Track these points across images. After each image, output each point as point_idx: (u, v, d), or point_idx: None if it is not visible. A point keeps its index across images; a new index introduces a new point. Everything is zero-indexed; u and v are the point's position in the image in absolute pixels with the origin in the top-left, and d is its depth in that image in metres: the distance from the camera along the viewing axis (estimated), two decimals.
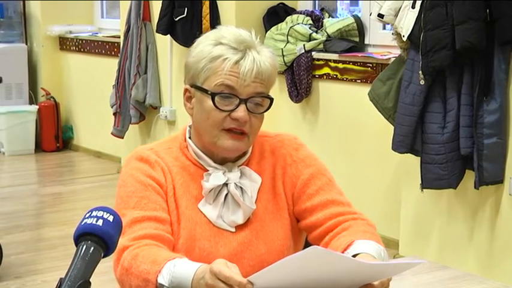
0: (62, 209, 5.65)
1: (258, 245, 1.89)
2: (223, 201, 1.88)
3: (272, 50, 1.92)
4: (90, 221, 1.46)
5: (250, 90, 1.83)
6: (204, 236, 1.86)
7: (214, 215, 1.87)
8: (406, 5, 3.89)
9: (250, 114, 1.84)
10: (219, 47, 1.83)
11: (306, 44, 4.94)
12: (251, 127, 1.85)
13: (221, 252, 1.85)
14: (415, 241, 4.32)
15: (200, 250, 1.85)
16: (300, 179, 1.95)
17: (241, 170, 1.91)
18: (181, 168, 1.90)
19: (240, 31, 1.89)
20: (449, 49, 3.69)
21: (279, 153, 1.98)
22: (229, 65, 1.81)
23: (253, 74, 1.82)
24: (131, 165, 1.91)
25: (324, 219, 1.93)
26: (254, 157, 1.96)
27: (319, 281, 1.59)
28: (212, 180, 1.87)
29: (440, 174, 3.85)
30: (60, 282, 1.38)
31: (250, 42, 1.86)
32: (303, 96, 5.02)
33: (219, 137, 1.85)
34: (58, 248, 4.59)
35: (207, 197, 1.87)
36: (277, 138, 2.02)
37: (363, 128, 4.72)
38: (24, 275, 4.18)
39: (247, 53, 1.83)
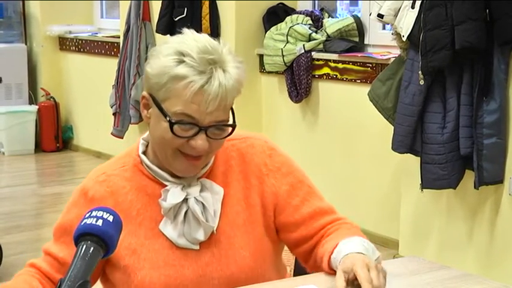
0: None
1: (228, 264, 1.79)
2: (183, 218, 1.77)
3: (239, 60, 1.77)
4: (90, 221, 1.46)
5: (212, 119, 1.70)
6: (168, 261, 1.78)
7: (175, 235, 1.77)
8: (406, 5, 3.89)
9: (210, 140, 1.72)
10: (182, 67, 1.68)
11: (306, 44, 4.94)
12: (211, 150, 1.75)
13: (187, 275, 1.77)
14: (414, 241, 4.32)
15: (166, 277, 1.76)
16: (281, 189, 1.85)
17: (201, 182, 1.80)
18: (137, 191, 1.81)
19: (206, 43, 1.72)
20: (448, 49, 3.69)
21: (251, 160, 1.87)
22: (192, 91, 1.67)
23: (217, 101, 1.67)
24: (73, 196, 1.88)
25: (313, 232, 1.86)
26: (218, 166, 1.85)
27: None
28: (170, 198, 1.76)
29: (440, 174, 3.85)
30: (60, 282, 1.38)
31: (218, 60, 1.70)
32: (303, 96, 5.02)
33: (174, 157, 1.74)
34: None
35: (167, 216, 1.77)
36: (247, 142, 1.90)
37: (362, 128, 4.72)
38: None
39: (213, 76, 1.68)
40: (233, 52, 1.77)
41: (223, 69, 1.71)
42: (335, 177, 4.93)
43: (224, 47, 1.76)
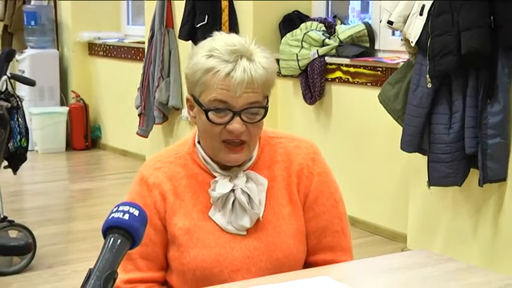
0: (90, 203, 5.68)
1: (275, 249, 1.82)
2: (232, 207, 1.81)
3: (269, 52, 1.82)
4: (117, 215, 1.46)
5: (243, 102, 1.74)
6: (219, 242, 1.81)
7: (224, 222, 1.81)
8: (414, 12, 3.88)
9: (246, 124, 1.76)
10: (211, 60, 1.74)
11: (320, 49, 4.94)
12: (249, 135, 1.77)
13: (237, 256, 1.81)
14: (422, 235, 4.30)
15: (217, 256, 1.80)
16: (312, 193, 1.88)
17: (246, 174, 1.84)
18: (190, 178, 1.85)
19: (233, 39, 1.79)
20: (455, 54, 3.67)
21: (295, 159, 1.89)
22: (220, 78, 1.72)
23: (244, 85, 1.72)
24: (134, 188, 1.89)
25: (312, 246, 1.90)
26: (264, 161, 1.88)
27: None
28: (219, 189, 1.81)
29: (446, 173, 3.83)
30: (89, 272, 1.38)
31: (243, 50, 1.76)
32: (317, 99, 5.02)
33: (219, 149, 1.79)
34: (87, 240, 4.61)
35: (216, 205, 1.82)
36: (294, 142, 1.93)
37: (373, 128, 4.71)
38: (55, 265, 4.20)
39: (238, 64, 1.73)
40: (262, 47, 1.82)
41: (249, 59, 1.76)
42: (347, 175, 4.92)
43: (252, 42, 1.81)
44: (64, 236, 4.87)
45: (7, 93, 4.21)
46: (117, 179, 6.42)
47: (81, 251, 4.44)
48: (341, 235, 1.92)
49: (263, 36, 5.34)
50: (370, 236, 4.75)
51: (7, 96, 4.21)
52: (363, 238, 4.71)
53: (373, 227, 4.80)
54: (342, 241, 1.92)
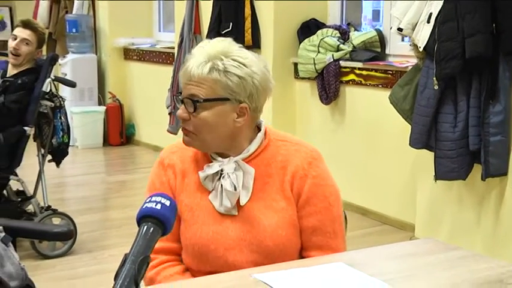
0: (125, 194, 5.70)
1: (265, 238, 1.82)
2: (221, 190, 1.83)
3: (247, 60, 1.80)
4: (150, 205, 1.47)
5: (185, 92, 1.81)
6: (216, 221, 1.84)
7: (218, 203, 1.84)
8: (422, 20, 3.86)
9: (189, 114, 1.80)
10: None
11: (335, 53, 4.93)
12: (192, 126, 1.82)
13: (231, 236, 1.83)
14: (429, 225, 4.29)
15: (214, 233, 1.83)
16: (304, 194, 1.85)
17: (236, 162, 1.84)
18: (196, 162, 1.89)
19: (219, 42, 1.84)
20: (459, 58, 3.65)
21: (293, 161, 1.86)
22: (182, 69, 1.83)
23: (186, 77, 1.80)
24: (153, 168, 1.96)
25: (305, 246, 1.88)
26: (264, 158, 1.87)
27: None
28: (207, 169, 1.85)
29: (452, 167, 3.82)
30: (125, 257, 1.39)
31: (208, 49, 1.81)
32: (332, 99, 5.01)
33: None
34: (122, 227, 4.64)
35: (206, 185, 1.85)
36: (296, 146, 1.90)
37: (384, 127, 4.70)
38: (94, 250, 4.23)
39: (192, 58, 1.81)
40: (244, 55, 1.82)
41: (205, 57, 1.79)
42: (359, 170, 4.92)
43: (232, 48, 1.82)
44: (102, 223, 4.90)
45: (51, 94, 4.24)
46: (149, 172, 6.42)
47: (117, 237, 4.46)
48: (332, 236, 1.87)
49: (283, 42, 5.35)
50: (381, 225, 4.74)
51: (51, 96, 4.23)
52: (374, 227, 4.70)
53: (383, 217, 4.79)
54: (333, 242, 1.88)
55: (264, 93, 1.83)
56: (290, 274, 1.61)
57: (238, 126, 1.82)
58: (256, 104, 1.82)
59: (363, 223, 4.74)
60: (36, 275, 1.97)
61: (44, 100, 4.17)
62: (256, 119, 1.88)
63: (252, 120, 1.85)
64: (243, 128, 1.83)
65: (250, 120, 1.84)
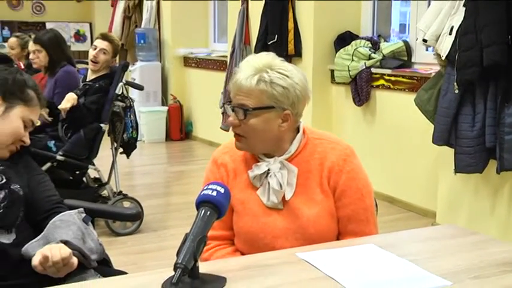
0: (184, 182, 5.75)
1: (308, 226, 1.81)
2: (268, 187, 1.83)
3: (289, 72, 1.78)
4: (208, 192, 1.49)
5: (234, 101, 1.78)
6: (265, 213, 1.83)
7: (265, 199, 1.83)
8: (445, 32, 3.81)
9: (238, 120, 1.78)
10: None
11: (367, 62, 4.90)
12: (243, 131, 1.80)
13: (278, 226, 1.82)
14: (448, 213, 4.23)
15: (262, 224, 1.83)
16: (339, 187, 1.84)
17: (282, 163, 1.83)
18: (245, 162, 1.88)
19: (265, 55, 1.81)
20: (478, 66, 3.59)
21: (329, 158, 1.84)
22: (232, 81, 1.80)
23: (236, 88, 1.78)
24: (208, 166, 1.95)
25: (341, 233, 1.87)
26: (303, 155, 1.86)
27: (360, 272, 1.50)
28: (256, 170, 1.83)
29: (470, 162, 3.76)
30: (185, 237, 1.41)
31: (253, 63, 1.79)
32: (364, 102, 4.98)
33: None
34: (182, 211, 4.67)
35: (255, 183, 1.84)
36: (332, 145, 1.88)
37: (409, 126, 4.65)
38: (158, 229, 4.28)
39: (241, 71, 1.78)
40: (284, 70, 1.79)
41: (253, 70, 1.77)
42: (388, 164, 4.88)
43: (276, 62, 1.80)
44: (165, 207, 4.94)
45: (123, 96, 4.29)
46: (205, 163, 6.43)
47: (178, 219, 4.49)
48: (365, 223, 1.86)
49: (321, 52, 5.33)
50: (406, 212, 4.69)
51: (123, 98, 4.28)
52: (400, 214, 4.65)
53: (408, 205, 4.74)
54: (366, 228, 1.86)
55: (303, 100, 1.82)
56: (328, 254, 1.61)
57: (282, 130, 1.81)
58: (297, 110, 1.82)
59: (390, 210, 4.69)
60: (110, 249, 1.99)
61: (116, 101, 4.23)
62: (297, 123, 1.86)
63: (294, 124, 1.84)
64: (286, 131, 1.83)
65: (292, 124, 1.83)
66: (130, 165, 5.95)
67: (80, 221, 1.87)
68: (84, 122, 4.07)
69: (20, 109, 1.91)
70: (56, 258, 1.68)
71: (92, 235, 1.88)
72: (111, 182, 4.38)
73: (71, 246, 1.75)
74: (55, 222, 1.84)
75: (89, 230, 1.88)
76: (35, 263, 1.70)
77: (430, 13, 3.93)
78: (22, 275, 1.76)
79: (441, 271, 1.50)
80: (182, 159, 6.89)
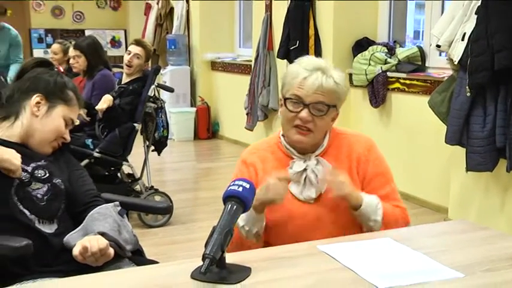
0: (211, 178, 5.77)
1: (339, 215, 1.82)
2: (304, 182, 1.84)
3: (343, 75, 1.85)
4: (234, 187, 1.49)
5: (312, 99, 1.78)
6: (294, 207, 1.84)
7: (298, 192, 1.84)
8: (457, 38, 3.77)
9: (313, 116, 1.80)
10: (297, 69, 1.82)
11: (383, 66, 4.87)
12: (315, 126, 1.81)
13: (309, 218, 1.82)
14: (460, 209, 4.19)
15: (292, 217, 1.83)
16: (368, 175, 1.88)
17: (317, 159, 1.86)
18: (276, 160, 1.89)
19: (318, 59, 1.85)
20: (489, 70, 3.55)
21: (356, 149, 1.89)
22: (298, 80, 1.80)
23: (315, 87, 1.78)
24: (237, 166, 1.95)
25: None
26: (332, 150, 1.89)
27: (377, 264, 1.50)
28: (294, 167, 1.85)
29: (480, 161, 3.72)
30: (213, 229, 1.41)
31: (321, 66, 1.81)
32: (380, 103, 4.94)
33: (290, 131, 1.84)
34: (209, 205, 4.67)
35: (292, 179, 1.84)
36: (356, 137, 1.93)
37: (423, 126, 4.61)
38: (187, 222, 4.29)
39: (313, 73, 1.79)
40: (338, 70, 1.86)
41: (324, 73, 1.80)
42: (403, 162, 4.84)
43: (332, 67, 1.85)
44: (193, 201, 4.96)
45: (154, 97, 4.32)
46: (230, 160, 6.50)
47: (205, 212, 4.50)
48: (396, 200, 1.92)
49: (340, 56, 5.30)
50: (420, 208, 4.65)
51: (154, 99, 4.31)
52: (414, 210, 4.60)
53: (422, 202, 4.70)
54: (399, 202, 1.92)
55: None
56: (347, 246, 1.61)
57: (329, 127, 1.88)
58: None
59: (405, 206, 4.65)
60: (143, 240, 2.00)
61: (149, 102, 4.26)
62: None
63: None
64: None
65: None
66: (161, 162, 5.97)
67: (115, 214, 1.88)
68: (119, 122, 4.10)
69: (61, 108, 1.94)
70: (95, 249, 1.70)
71: (127, 227, 1.89)
72: (143, 178, 4.41)
73: (107, 237, 1.77)
74: (93, 215, 1.86)
75: (124, 222, 1.90)
76: (75, 253, 1.72)
77: (444, 20, 3.90)
78: (63, 262, 1.78)
79: (454, 264, 1.49)
80: (209, 156, 6.91)
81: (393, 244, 1.64)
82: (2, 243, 1.66)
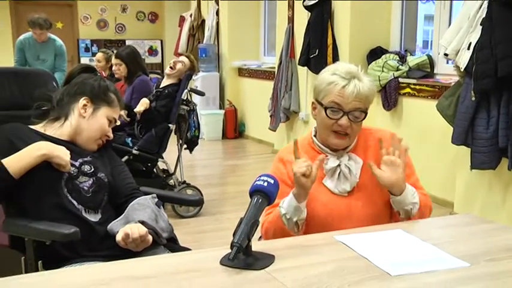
0: (238, 174, 5.77)
1: (369, 207, 1.81)
2: (338, 177, 1.82)
3: (372, 79, 1.82)
4: (260, 182, 1.49)
5: (351, 106, 1.74)
6: (330, 200, 1.81)
7: (332, 186, 1.82)
8: (464, 47, 3.73)
9: (350, 122, 1.76)
10: (333, 76, 1.76)
11: (395, 72, 4.82)
12: (352, 130, 1.78)
13: (342, 210, 1.80)
14: (465, 203, 4.13)
15: (329, 209, 1.79)
16: None
17: (348, 155, 1.83)
18: (310, 159, 1.80)
19: (349, 65, 1.80)
20: (492, 77, 3.50)
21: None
22: (337, 88, 1.74)
23: (354, 95, 1.73)
24: (275, 164, 1.89)
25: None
26: (360, 146, 1.86)
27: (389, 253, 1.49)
28: (329, 163, 1.82)
29: (484, 160, 3.68)
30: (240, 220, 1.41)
31: (355, 73, 1.76)
32: (392, 107, 4.90)
33: (329, 136, 1.80)
34: (236, 198, 4.68)
35: (327, 175, 1.82)
36: (380, 132, 1.90)
37: (432, 128, 4.56)
38: (216, 214, 4.29)
39: (351, 81, 1.74)
40: (368, 76, 1.82)
41: (359, 80, 1.76)
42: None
43: (361, 70, 1.81)
44: (221, 195, 4.95)
45: (187, 101, 4.33)
46: (255, 158, 6.51)
47: (232, 205, 4.50)
48: (421, 188, 1.90)
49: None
50: None
51: (187, 102, 4.33)
52: None
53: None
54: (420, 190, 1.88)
55: None
56: (362, 237, 1.60)
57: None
58: None
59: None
60: (176, 230, 2.01)
61: (182, 105, 4.28)
62: None
63: None
64: None
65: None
66: (193, 159, 5.98)
67: (153, 205, 1.90)
68: (155, 123, 4.13)
69: (105, 109, 1.96)
70: (135, 236, 1.72)
71: (163, 217, 1.91)
72: (176, 173, 4.43)
73: (146, 225, 1.79)
74: (133, 205, 1.88)
75: (161, 212, 1.91)
76: (118, 239, 1.74)
77: (451, 31, 3.86)
78: (107, 247, 1.80)
79: (459, 254, 1.47)
80: (236, 154, 6.92)
81: (404, 235, 1.62)
82: (54, 229, 1.69)
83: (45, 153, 1.78)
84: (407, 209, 1.79)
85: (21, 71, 2.25)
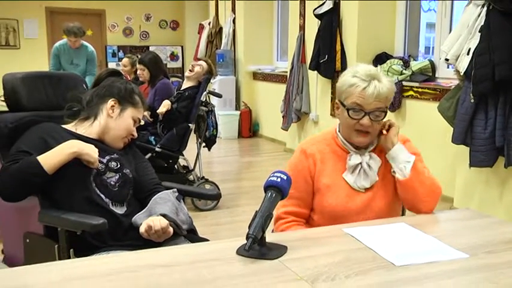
0: (252, 170, 5.76)
1: (383, 202, 1.79)
2: (358, 173, 1.79)
3: (390, 79, 1.78)
4: (273, 178, 1.48)
5: (372, 107, 1.72)
6: (348, 194, 1.79)
7: (352, 181, 1.79)
8: (463, 53, 3.69)
9: (371, 121, 1.74)
10: (354, 78, 1.73)
11: (399, 76, 4.79)
12: (373, 129, 1.76)
13: (358, 203, 1.78)
14: (464, 199, 4.09)
15: (346, 202, 1.77)
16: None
17: (370, 154, 1.81)
18: (332, 153, 1.82)
19: (369, 67, 1.76)
20: (490, 81, 3.46)
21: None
22: (358, 90, 1.71)
23: (374, 96, 1.71)
24: (296, 155, 1.84)
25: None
26: (379, 146, 1.84)
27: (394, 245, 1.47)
28: (353, 160, 1.79)
29: (482, 158, 3.64)
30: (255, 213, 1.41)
31: (375, 75, 1.72)
32: (396, 108, 4.87)
33: (353, 134, 1.78)
34: (250, 193, 4.67)
35: (349, 170, 1.80)
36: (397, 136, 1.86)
37: (433, 128, 4.52)
38: (232, 207, 4.28)
39: (371, 82, 1.71)
40: (386, 76, 1.79)
41: (378, 80, 1.72)
42: None
43: (380, 71, 1.79)
44: (237, 189, 4.94)
45: (206, 102, 4.34)
46: (268, 155, 6.50)
47: (247, 199, 4.50)
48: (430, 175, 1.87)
49: None
50: None
51: (206, 104, 4.34)
52: None
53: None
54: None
55: None
56: (368, 229, 1.58)
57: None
58: None
59: None
60: (195, 222, 2.02)
61: (201, 106, 4.29)
62: None
63: None
64: None
65: None
66: (211, 156, 5.99)
67: (174, 199, 1.91)
68: (176, 123, 4.14)
69: (130, 110, 1.97)
70: (157, 228, 1.73)
71: (184, 210, 1.91)
72: (196, 169, 4.43)
73: (168, 218, 1.79)
74: (156, 199, 1.88)
75: (181, 205, 1.92)
76: (141, 230, 1.75)
77: (452, 38, 3.82)
78: (132, 238, 1.81)
79: (460, 246, 1.46)
80: (251, 152, 6.91)
81: (407, 228, 1.61)
82: (84, 221, 1.70)
83: (76, 151, 1.79)
84: (401, 167, 1.78)
85: (55, 74, 2.27)
